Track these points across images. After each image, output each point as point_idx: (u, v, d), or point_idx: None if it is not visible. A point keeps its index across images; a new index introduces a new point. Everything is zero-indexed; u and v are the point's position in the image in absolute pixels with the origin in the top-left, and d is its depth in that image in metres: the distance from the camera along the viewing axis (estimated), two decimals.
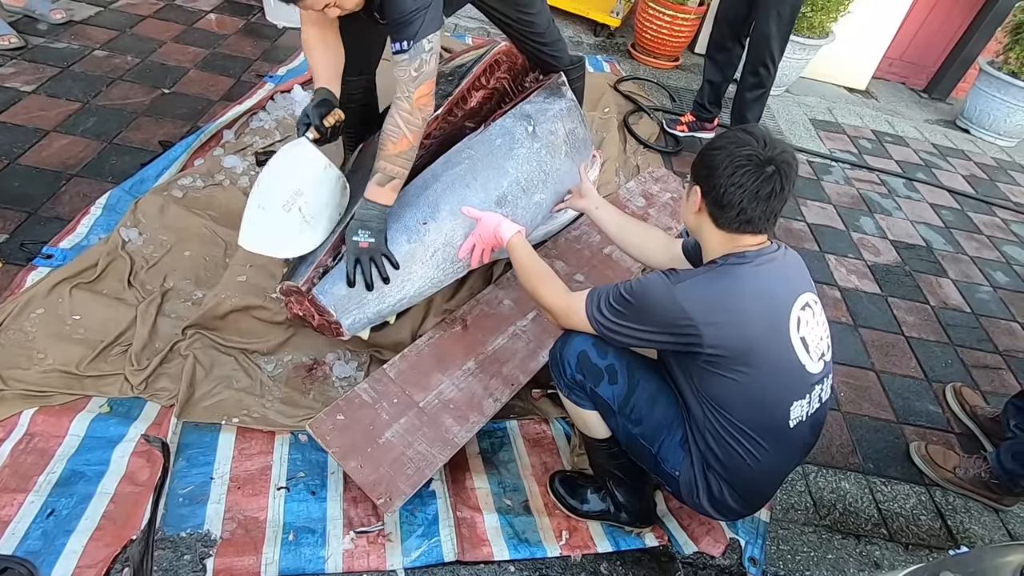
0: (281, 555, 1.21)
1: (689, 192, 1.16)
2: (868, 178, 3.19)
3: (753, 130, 1.09)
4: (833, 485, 1.65)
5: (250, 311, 1.59)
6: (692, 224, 1.18)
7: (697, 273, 1.09)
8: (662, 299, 1.06)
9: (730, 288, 1.06)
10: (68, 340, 1.48)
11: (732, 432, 1.10)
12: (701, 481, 1.16)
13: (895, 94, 4.45)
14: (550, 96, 1.81)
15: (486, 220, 1.46)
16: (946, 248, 2.77)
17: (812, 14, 3.37)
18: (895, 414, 1.90)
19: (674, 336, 1.06)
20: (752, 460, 1.11)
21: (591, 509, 1.40)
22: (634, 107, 3.10)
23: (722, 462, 1.12)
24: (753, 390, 1.06)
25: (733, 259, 1.09)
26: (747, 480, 1.14)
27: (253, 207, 1.37)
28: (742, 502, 1.17)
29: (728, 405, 1.08)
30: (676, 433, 1.17)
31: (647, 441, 1.19)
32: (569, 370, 1.22)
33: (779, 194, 1.05)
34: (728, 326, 1.03)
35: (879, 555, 1.51)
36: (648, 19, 3.57)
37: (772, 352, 1.06)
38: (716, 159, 1.07)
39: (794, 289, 1.11)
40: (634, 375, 1.20)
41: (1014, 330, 2.36)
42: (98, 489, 1.25)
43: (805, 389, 1.11)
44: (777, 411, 1.08)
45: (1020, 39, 3.60)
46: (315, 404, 1.50)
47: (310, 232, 1.44)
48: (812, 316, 1.12)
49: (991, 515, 1.67)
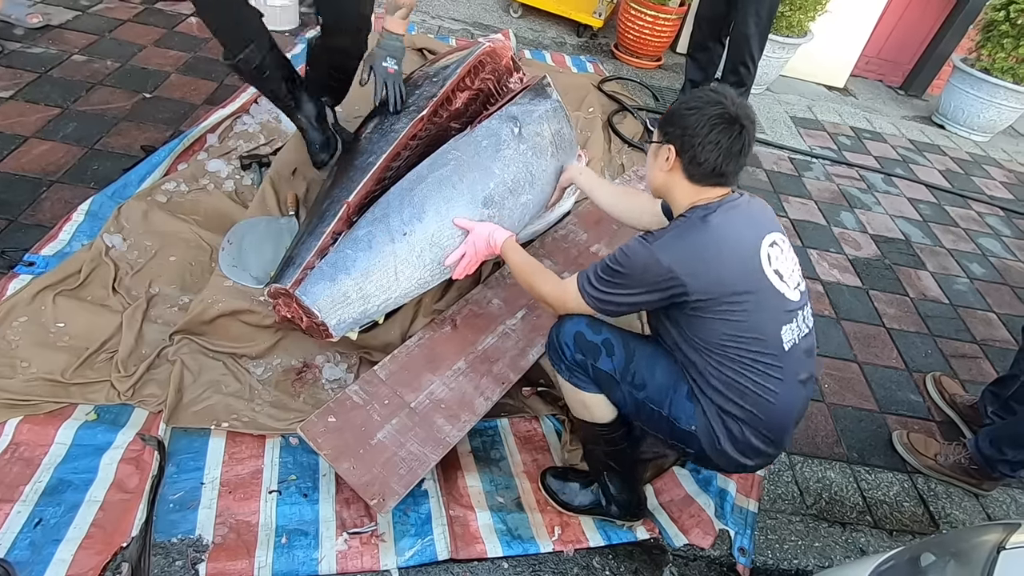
0: (274, 558, 1.21)
1: (658, 152, 1.22)
2: (848, 174, 3.25)
3: (722, 90, 1.16)
4: (819, 475, 1.68)
5: (238, 315, 1.59)
6: (661, 182, 1.24)
7: (669, 230, 1.17)
8: (646, 261, 1.12)
9: (702, 237, 1.13)
10: (52, 348, 1.46)
11: (735, 368, 1.15)
12: (719, 428, 1.19)
13: (873, 91, 4.54)
14: (536, 97, 1.82)
15: (478, 230, 1.49)
16: (924, 241, 2.83)
17: (790, 13, 3.43)
18: (878, 404, 1.94)
19: (662, 291, 1.13)
20: (761, 389, 1.15)
21: (582, 503, 1.42)
22: (618, 107, 3.12)
23: (733, 401, 1.16)
24: (743, 324, 1.13)
25: (699, 210, 1.16)
26: (762, 413, 1.17)
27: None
28: (764, 439, 1.19)
29: (725, 344, 1.14)
30: (681, 388, 1.21)
31: (655, 404, 1.22)
32: (569, 352, 1.26)
33: (747, 150, 1.15)
34: (706, 272, 1.11)
35: (864, 542, 1.55)
36: (630, 19, 3.61)
37: (751, 286, 1.13)
38: (690, 119, 1.14)
39: (760, 231, 1.17)
40: (629, 344, 1.25)
41: (990, 320, 2.42)
42: (86, 497, 1.24)
43: (790, 315, 1.17)
44: (771, 338, 1.15)
45: (992, 36, 3.70)
46: (305, 407, 1.49)
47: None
48: (781, 252, 1.19)
49: (971, 500, 1.72)
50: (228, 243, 1.75)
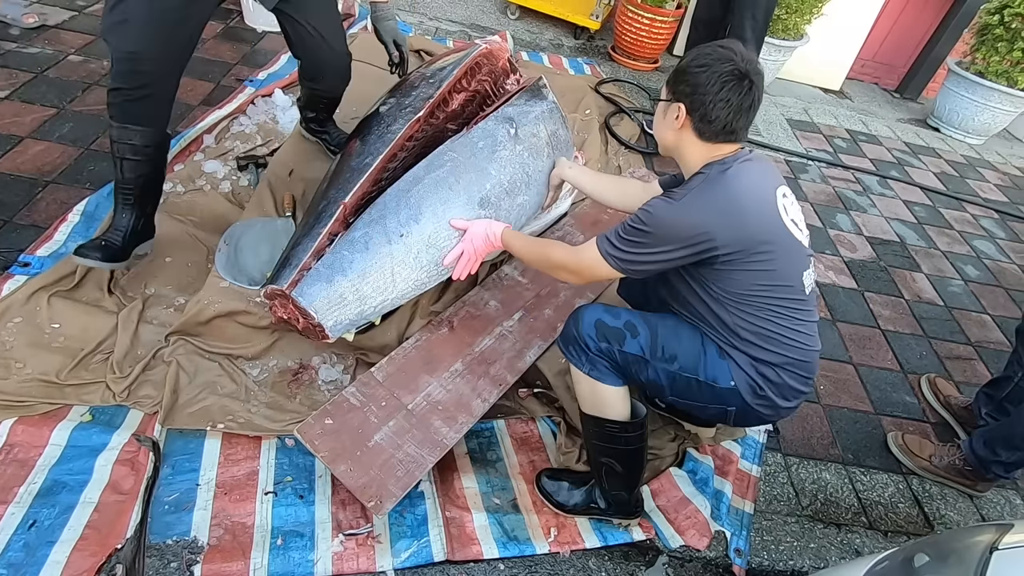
0: (269, 560, 1.21)
1: (667, 110, 1.22)
2: (844, 176, 3.27)
3: (730, 45, 1.16)
4: (814, 476, 1.69)
5: (234, 316, 1.58)
6: (671, 140, 1.24)
7: (692, 188, 1.16)
8: (673, 219, 1.13)
9: (725, 192, 1.14)
10: (47, 349, 1.46)
11: (766, 316, 1.18)
12: (758, 376, 1.22)
13: (868, 94, 4.56)
14: (532, 98, 1.82)
15: (474, 227, 1.49)
16: (919, 243, 2.84)
17: (787, 16, 3.44)
18: (873, 405, 1.95)
19: (692, 248, 1.13)
20: (792, 333, 1.20)
21: (577, 504, 1.42)
22: (615, 108, 3.13)
23: (768, 349, 1.20)
24: (771, 273, 1.17)
25: (716, 167, 1.17)
26: (796, 355, 1.21)
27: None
28: (801, 379, 1.24)
29: (754, 294, 1.17)
30: (710, 349, 1.24)
31: (690, 372, 1.24)
32: (592, 343, 1.26)
33: (756, 105, 1.16)
34: (735, 226, 1.12)
35: (859, 543, 1.55)
36: (627, 22, 3.62)
37: (774, 236, 1.16)
38: (701, 77, 1.14)
39: (772, 183, 1.21)
40: (649, 320, 1.27)
41: (985, 322, 2.43)
42: (81, 499, 1.24)
43: (807, 260, 1.23)
44: (795, 283, 1.20)
45: (986, 40, 3.72)
46: (301, 408, 1.49)
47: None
48: (791, 203, 1.23)
49: (966, 501, 1.72)
50: (224, 244, 1.74)
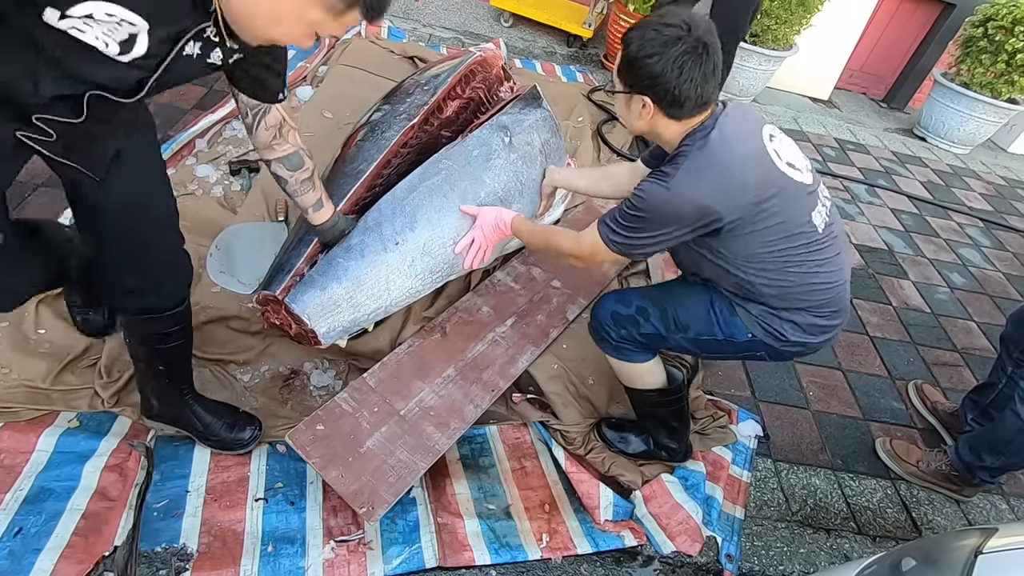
0: (260, 567, 1.20)
1: (630, 102, 1.16)
2: (832, 184, 3.31)
3: (671, 20, 1.09)
4: (804, 481, 1.70)
5: (226, 321, 1.58)
6: (643, 127, 1.20)
7: (679, 166, 1.12)
8: (669, 202, 1.12)
9: (716, 163, 1.11)
10: (34, 354, 1.44)
11: (777, 271, 1.20)
12: (778, 324, 1.25)
13: (856, 104, 4.63)
14: (526, 107, 1.84)
15: (485, 214, 1.53)
16: (906, 251, 2.88)
17: (776, 27, 3.50)
18: (861, 411, 1.97)
19: (694, 225, 1.14)
20: (808, 279, 1.21)
21: (636, 451, 1.57)
22: (607, 116, 3.16)
23: (783, 299, 1.23)
24: (778, 227, 1.16)
25: (698, 136, 1.14)
26: (817, 298, 1.23)
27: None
28: (828, 315, 1.26)
29: (763, 253, 1.18)
30: (721, 307, 1.28)
31: (707, 334, 1.30)
32: (613, 332, 1.37)
33: (718, 67, 1.11)
34: (735, 196, 1.12)
35: (849, 548, 1.56)
36: (620, 30, 3.65)
37: (774, 189, 1.14)
38: (656, 67, 1.08)
39: (755, 128, 1.18)
40: (656, 299, 1.35)
41: (971, 328, 2.46)
42: (68, 506, 1.22)
43: (812, 198, 1.20)
44: (805, 228, 1.18)
45: (971, 52, 3.79)
46: (293, 414, 1.49)
47: None
48: (781, 142, 1.21)
49: (953, 506, 1.74)
50: (216, 249, 1.74)
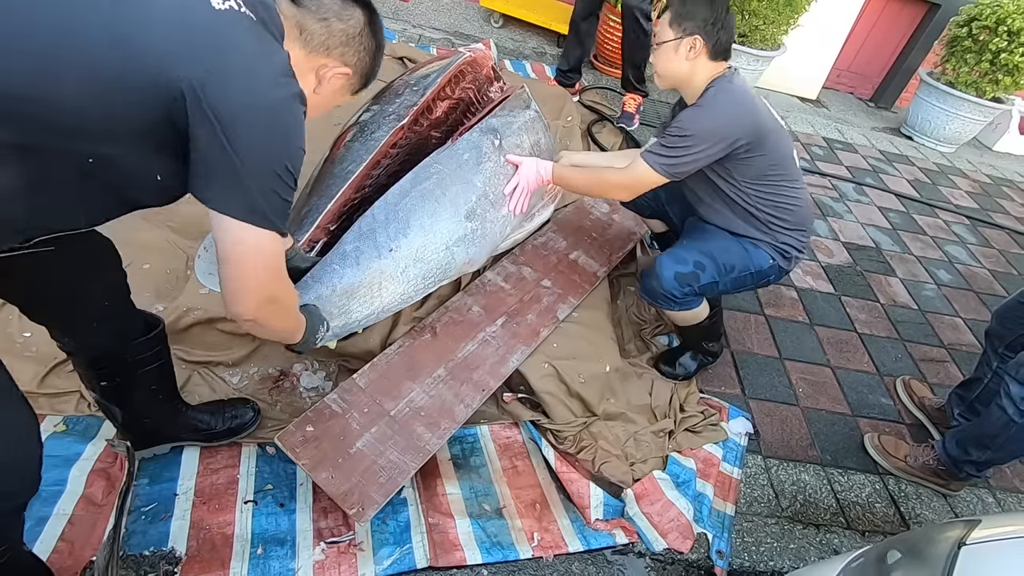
0: (249, 569, 1.19)
1: (679, 47, 1.45)
2: (821, 183, 3.34)
3: None
4: (794, 477, 1.71)
5: (214, 323, 1.57)
6: (685, 71, 1.48)
7: (709, 99, 1.46)
8: (710, 120, 1.44)
9: (737, 97, 1.46)
10: (19, 358, 1.42)
11: (776, 191, 1.55)
12: (785, 245, 1.61)
13: (844, 103, 4.67)
14: (515, 109, 1.84)
15: (527, 164, 1.68)
16: (894, 248, 2.91)
17: (764, 27, 3.52)
18: (850, 407, 1.99)
19: (726, 142, 1.44)
20: (796, 201, 1.58)
21: (691, 369, 1.86)
22: (597, 116, 3.17)
23: (783, 219, 1.58)
24: (776, 154, 1.52)
25: (723, 81, 1.47)
26: (801, 217, 1.61)
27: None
28: (808, 232, 1.65)
29: (768, 175, 1.53)
30: (747, 246, 1.61)
31: (743, 270, 1.61)
32: (678, 292, 1.59)
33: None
34: (753, 121, 1.46)
35: (838, 543, 1.58)
36: (608, 31, 3.66)
37: (773, 126, 1.51)
38: (713, 7, 1.42)
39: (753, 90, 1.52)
40: (704, 249, 1.61)
41: (957, 325, 2.49)
42: (54, 511, 1.21)
43: (791, 143, 1.59)
44: (791, 159, 1.57)
45: (956, 51, 3.84)
46: (282, 416, 1.48)
47: None
48: (767, 104, 1.56)
49: (940, 500, 1.76)
50: (204, 250, 1.72)
